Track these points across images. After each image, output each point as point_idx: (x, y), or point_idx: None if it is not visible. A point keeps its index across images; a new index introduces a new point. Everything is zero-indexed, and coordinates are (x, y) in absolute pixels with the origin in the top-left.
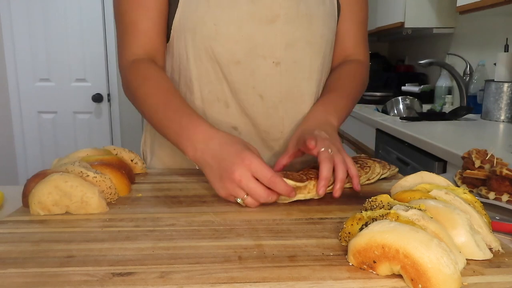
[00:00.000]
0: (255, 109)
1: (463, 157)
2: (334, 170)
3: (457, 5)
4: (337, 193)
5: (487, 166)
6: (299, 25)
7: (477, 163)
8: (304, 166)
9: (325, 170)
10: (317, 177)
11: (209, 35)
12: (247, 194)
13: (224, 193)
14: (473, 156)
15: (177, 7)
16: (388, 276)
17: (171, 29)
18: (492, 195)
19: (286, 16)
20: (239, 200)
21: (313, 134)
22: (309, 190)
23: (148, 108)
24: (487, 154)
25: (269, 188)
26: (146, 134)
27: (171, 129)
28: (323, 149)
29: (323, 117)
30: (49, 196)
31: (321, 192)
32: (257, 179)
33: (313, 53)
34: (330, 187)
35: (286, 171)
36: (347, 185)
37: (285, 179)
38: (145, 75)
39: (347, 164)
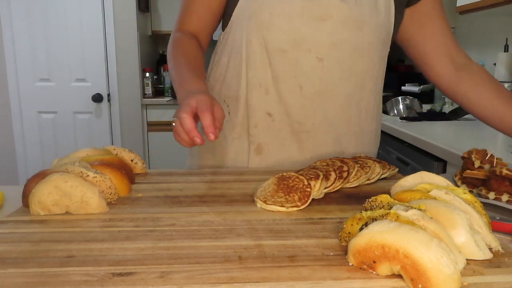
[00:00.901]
0: (293, 98)
1: (463, 157)
2: None
3: (457, 5)
4: None
5: (486, 166)
6: (348, 29)
7: (477, 163)
8: (303, 167)
9: None
10: (317, 177)
11: (262, 23)
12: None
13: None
14: (473, 156)
15: None
16: (388, 276)
17: (230, 17)
18: (492, 195)
19: (337, 18)
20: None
21: None
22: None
23: (173, 63)
24: (486, 154)
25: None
26: None
27: (177, 80)
28: None
29: None
30: (49, 196)
31: None
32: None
33: (357, 56)
34: (330, 187)
35: (282, 174)
36: (348, 185)
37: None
38: (181, 41)
39: None
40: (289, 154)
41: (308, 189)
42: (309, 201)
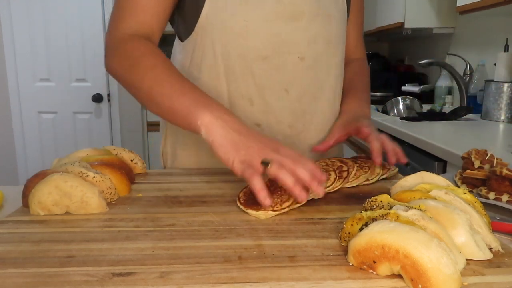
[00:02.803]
0: (280, 103)
1: (463, 157)
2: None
3: (457, 5)
4: (400, 157)
5: (486, 166)
6: (319, 24)
7: (477, 164)
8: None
9: (376, 146)
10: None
11: (240, 32)
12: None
13: (239, 159)
14: (472, 156)
15: (204, 3)
16: (388, 276)
17: (192, 24)
18: (492, 195)
19: (309, 15)
20: (265, 162)
21: (362, 123)
22: (311, 191)
23: (153, 79)
24: (486, 154)
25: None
26: (167, 136)
27: (186, 98)
28: (373, 134)
29: (360, 109)
30: (49, 196)
31: (378, 161)
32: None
33: (332, 50)
34: (330, 187)
35: None
36: (347, 185)
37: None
38: (146, 49)
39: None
40: None
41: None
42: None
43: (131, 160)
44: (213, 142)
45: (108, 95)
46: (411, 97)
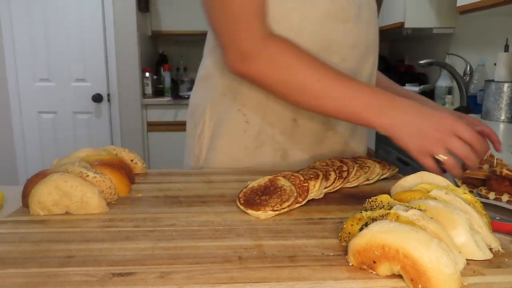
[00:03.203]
0: None
1: None
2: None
3: (457, 5)
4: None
5: (486, 166)
6: (361, 28)
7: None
8: (303, 167)
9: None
10: (316, 177)
11: (293, 28)
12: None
13: (422, 150)
14: None
15: None
16: (388, 276)
17: None
18: (492, 195)
19: (354, 18)
20: (439, 157)
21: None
22: (311, 190)
23: (318, 81)
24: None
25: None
26: (205, 126)
27: (357, 102)
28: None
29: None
30: (49, 196)
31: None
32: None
33: (368, 53)
34: (330, 187)
35: (286, 172)
36: (348, 185)
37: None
38: (294, 49)
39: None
40: (312, 154)
41: (306, 184)
42: (308, 197)
43: (131, 160)
44: (394, 138)
45: (108, 95)
46: None
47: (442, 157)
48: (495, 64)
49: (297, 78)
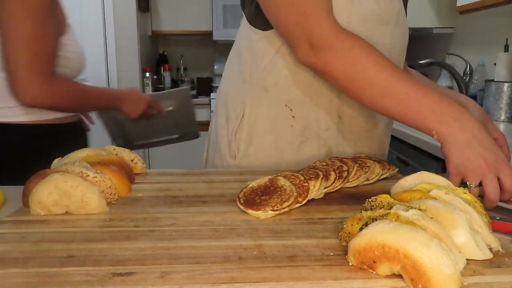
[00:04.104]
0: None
1: None
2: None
3: (457, 5)
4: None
5: None
6: (399, 31)
7: None
8: (303, 167)
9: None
10: (316, 177)
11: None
12: (479, 185)
13: (459, 169)
14: None
15: None
16: (388, 276)
17: None
18: None
19: (395, 21)
20: (469, 183)
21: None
22: (311, 190)
23: (385, 80)
24: None
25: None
26: (244, 122)
27: (422, 105)
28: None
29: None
30: (49, 196)
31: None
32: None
33: (400, 55)
34: (330, 187)
35: (286, 172)
36: (348, 185)
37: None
38: (368, 45)
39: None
40: (356, 150)
41: (306, 184)
42: (308, 197)
43: (131, 160)
44: (444, 145)
45: None
46: None
47: (471, 185)
48: (495, 64)
49: (365, 74)
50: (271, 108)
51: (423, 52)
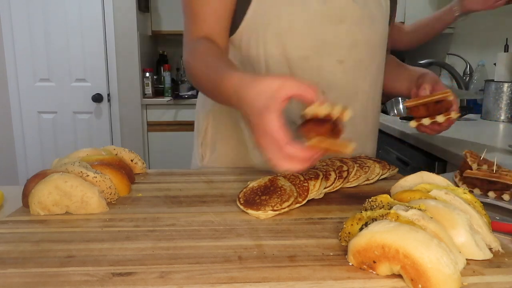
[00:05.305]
0: None
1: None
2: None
3: None
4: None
5: (485, 167)
6: (363, 27)
7: (474, 167)
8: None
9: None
10: (316, 177)
11: (283, 31)
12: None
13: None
14: (468, 159)
15: (249, 4)
16: (388, 276)
17: (237, 24)
18: (492, 194)
19: (353, 17)
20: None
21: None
22: (311, 190)
23: (193, 78)
24: (480, 157)
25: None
26: (208, 127)
27: (211, 89)
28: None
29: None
30: (49, 196)
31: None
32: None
33: (372, 54)
34: (330, 187)
35: (286, 172)
36: (348, 185)
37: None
38: (194, 50)
39: None
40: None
41: (306, 184)
42: (308, 197)
43: (131, 160)
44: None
45: (108, 95)
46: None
47: None
48: (495, 64)
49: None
50: (233, 116)
51: (423, 52)
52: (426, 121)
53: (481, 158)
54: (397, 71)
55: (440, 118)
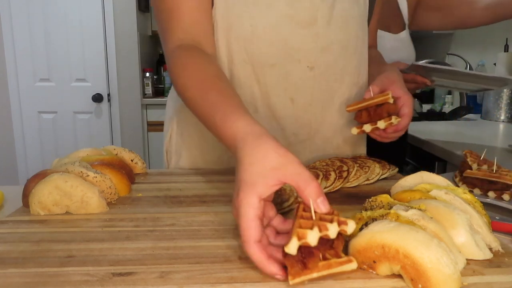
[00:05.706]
0: (285, 112)
1: (464, 155)
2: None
3: None
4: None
5: (484, 167)
6: (335, 28)
7: (474, 167)
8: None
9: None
10: (316, 177)
11: (245, 36)
12: None
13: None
14: (468, 159)
15: (213, 3)
16: (388, 276)
17: None
18: (492, 194)
19: (323, 19)
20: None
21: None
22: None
23: (187, 101)
24: (480, 157)
25: None
26: (172, 134)
27: (209, 126)
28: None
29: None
30: (49, 196)
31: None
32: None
33: (348, 55)
34: (330, 187)
35: None
36: (348, 185)
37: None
38: (184, 64)
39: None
40: None
41: None
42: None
43: (131, 160)
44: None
45: (108, 95)
46: None
47: None
48: (495, 64)
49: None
50: (198, 124)
51: (423, 52)
52: (367, 128)
53: (481, 158)
54: (378, 69)
55: (381, 124)
